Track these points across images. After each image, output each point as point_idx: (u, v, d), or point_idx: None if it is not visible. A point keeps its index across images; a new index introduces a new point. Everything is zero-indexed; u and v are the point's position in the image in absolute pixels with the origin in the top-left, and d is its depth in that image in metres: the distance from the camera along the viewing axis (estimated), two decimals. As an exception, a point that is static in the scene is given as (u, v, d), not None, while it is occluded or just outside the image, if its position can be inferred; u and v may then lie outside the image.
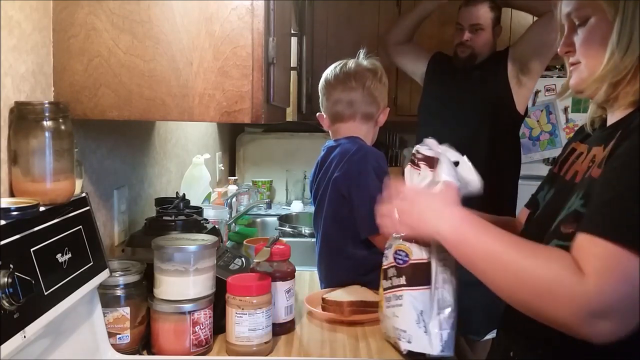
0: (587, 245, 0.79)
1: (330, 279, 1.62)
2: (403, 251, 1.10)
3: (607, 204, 0.80)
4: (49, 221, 0.95)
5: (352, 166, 1.56)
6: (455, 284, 1.10)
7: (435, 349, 1.08)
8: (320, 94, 1.71)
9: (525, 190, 3.15)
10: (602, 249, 0.77)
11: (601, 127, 1.02)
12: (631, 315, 0.77)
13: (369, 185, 1.52)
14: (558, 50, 1.01)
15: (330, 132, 1.72)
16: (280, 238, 1.58)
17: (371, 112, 1.67)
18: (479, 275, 0.90)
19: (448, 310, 1.08)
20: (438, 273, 1.08)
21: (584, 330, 0.78)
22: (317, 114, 1.73)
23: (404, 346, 1.11)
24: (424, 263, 1.08)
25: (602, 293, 0.76)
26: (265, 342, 1.19)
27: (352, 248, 1.59)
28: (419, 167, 1.08)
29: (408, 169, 1.12)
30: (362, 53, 1.72)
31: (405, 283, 1.09)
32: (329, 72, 1.69)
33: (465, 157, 1.11)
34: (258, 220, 2.81)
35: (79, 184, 1.09)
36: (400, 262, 1.10)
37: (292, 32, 1.89)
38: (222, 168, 3.02)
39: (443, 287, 1.08)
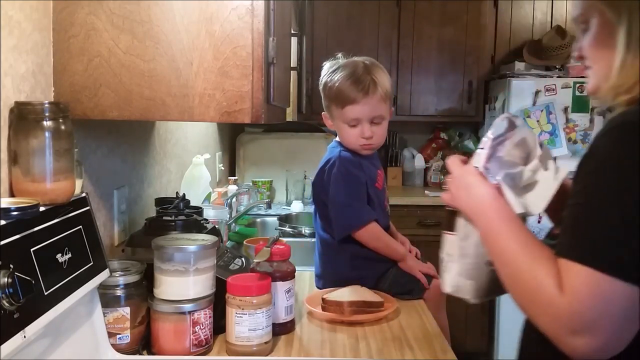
0: (563, 264, 0.79)
1: (328, 276, 1.64)
2: None
3: (576, 227, 0.79)
4: (49, 221, 0.95)
5: (324, 175, 1.61)
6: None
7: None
8: (322, 94, 1.71)
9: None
10: (576, 272, 0.76)
11: None
12: (615, 333, 0.75)
13: (335, 193, 1.57)
14: (574, 56, 0.98)
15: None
16: (280, 238, 1.59)
17: None
18: (495, 264, 0.91)
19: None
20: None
21: (562, 343, 0.77)
22: (322, 113, 1.73)
23: None
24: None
25: (576, 313, 0.75)
26: (265, 342, 1.19)
27: (342, 243, 1.60)
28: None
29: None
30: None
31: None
32: (326, 74, 1.68)
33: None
34: (258, 220, 2.80)
35: (79, 184, 1.09)
36: None
37: (292, 32, 1.89)
38: (222, 168, 3.02)
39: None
